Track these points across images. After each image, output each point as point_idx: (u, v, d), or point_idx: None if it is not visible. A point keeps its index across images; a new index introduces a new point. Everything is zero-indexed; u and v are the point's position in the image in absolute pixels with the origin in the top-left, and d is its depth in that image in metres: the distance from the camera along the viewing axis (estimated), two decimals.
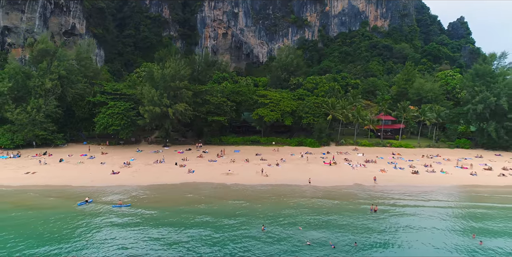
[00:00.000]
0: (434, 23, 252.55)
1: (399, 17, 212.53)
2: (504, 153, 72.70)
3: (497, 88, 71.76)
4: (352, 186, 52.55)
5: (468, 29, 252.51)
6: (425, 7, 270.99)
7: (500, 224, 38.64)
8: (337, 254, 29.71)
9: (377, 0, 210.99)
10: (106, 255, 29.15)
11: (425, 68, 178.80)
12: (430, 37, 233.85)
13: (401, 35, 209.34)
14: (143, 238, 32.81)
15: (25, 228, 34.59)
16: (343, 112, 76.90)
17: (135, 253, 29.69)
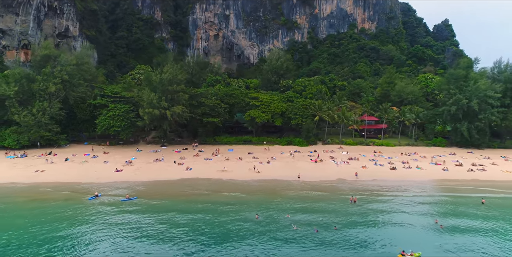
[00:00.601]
0: (420, 25, 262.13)
1: (386, 20, 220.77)
2: (476, 151, 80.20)
3: (468, 91, 79.22)
4: (335, 181, 58.85)
5: (452, 31, 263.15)
6: (412, 9, 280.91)
7: (460, 209, 45.45)
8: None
9: (364, 3, 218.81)
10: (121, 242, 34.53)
11: (410, 70, 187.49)
12: (416, 39, 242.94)
13: (387, 37, 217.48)
14: (152, 222, 38.45)
15: (44, 217, 39.74)
16: (329, 113, 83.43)
17: (146, 234, 35.17)
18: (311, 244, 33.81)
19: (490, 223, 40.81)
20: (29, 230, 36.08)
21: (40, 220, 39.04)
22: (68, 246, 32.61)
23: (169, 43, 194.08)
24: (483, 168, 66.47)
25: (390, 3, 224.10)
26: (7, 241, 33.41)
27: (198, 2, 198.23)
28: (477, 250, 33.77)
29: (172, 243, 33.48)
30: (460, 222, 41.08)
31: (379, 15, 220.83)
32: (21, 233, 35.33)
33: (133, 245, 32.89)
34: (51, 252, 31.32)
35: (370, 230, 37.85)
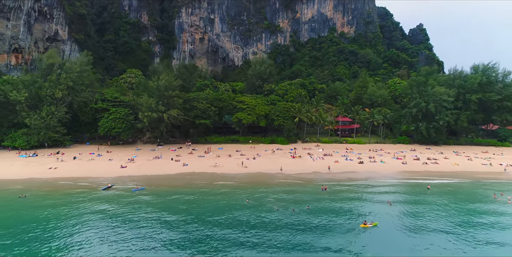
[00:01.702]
0: (396, 29, 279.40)
1: (364, 24, 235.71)
2: (434, 147, 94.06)
3: (427, 95, 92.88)
4: (311, 173, 70.70)
5: (426, 35, 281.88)
6: (389, 14, 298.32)
7: (408, 193, 58.09)
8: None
9: (343, 8, 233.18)
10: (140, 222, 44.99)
11: (386, 72, 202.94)
12: (392, 42, 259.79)
13: (365, 41, 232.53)
14: (160, 205, 49.04)
15: (71, 203, 49.57)
16: (308, 115, 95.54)
17: (157, 213, 45.71)
18: (288, 219, 45.13)
19: (429, 200, 53.53)
20: (61, 211, 45.99)
21: (67, 205, 48.84)
22: (99, 221, 42.81)
23: (155, 46, 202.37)
24: (436, 162, 79.90)
25: (368, 8, 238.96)
26: (48, 219, 43.27)
27: (184, 6, 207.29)
28: (413, 216, 45.95)
29: (178, 220, 44.08)
30: (406, 201, 53.53)
31: (358, 20, 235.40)
32: (55, 214, 45.13)
33: (147, 220, 43.35)
34: (89, 225, 41.43)
35: (336, 209, 49.50)
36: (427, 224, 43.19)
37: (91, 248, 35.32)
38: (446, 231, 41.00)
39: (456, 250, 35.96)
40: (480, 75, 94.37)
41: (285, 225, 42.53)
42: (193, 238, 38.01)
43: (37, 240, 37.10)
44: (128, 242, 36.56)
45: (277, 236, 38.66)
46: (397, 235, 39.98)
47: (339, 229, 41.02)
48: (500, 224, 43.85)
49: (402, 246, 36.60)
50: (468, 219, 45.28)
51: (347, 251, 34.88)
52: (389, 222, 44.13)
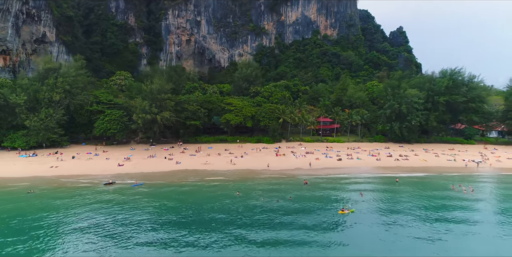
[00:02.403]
0: (377, 32, 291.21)
1: (346, 27, 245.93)
2: (406, 145, 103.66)
3: (400, 98, 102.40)
4: (294, 169, 78.64)
5: (406, 37, 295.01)
6: (371, 16, 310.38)
7: (379, 185, 66.70)
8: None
9: (327, 11, 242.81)
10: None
11: (367, 74, 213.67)
12: (374, 44, 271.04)
13: (348, 43, 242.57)
14: (158, 197, 55.82)
15: (75, 197, 55.75)
16: (291, 116, 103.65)
17: (156, 204, 52.57)
18: (273, 208, 52.73)
19: (396, 191, 62.24)
20: (68, 204, 52.22)
21: (72, 199, 55.05)
22: (105, 209, 49.35)
23: (142, 48, 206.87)
24: (407, 158, 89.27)
25: (350, 12, 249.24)
26: (59, 208, 49.52)
27: (171, 8, 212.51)
28: (383, 203, 54.23)
29: (177, 207, 51.15)
30: (377, 191, 62.04)
31: (340, 23, 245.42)
32: (62, 206, 51.35)
33: (149, 208, 50.19)
34: (97, 212, 47.92)
35: (317, 199, 57.32)
36: (393, 209, 51.62)
37: (100, 230, 42.02)
38: (409, 213, 49.47)
39: (414, 226, 44.27)
40: (447, 79, 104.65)
41: (270, 211, 50.19)
42: (192, 221, 45.30)
43: (51, 225, 43.54)
44: (134, 225, 43.44)
45: (263, 219, 46.31)
46: (370, 218, 47.63)
47: (319, 215, 48.64)
48: (453, 207, 52.87)
49: (375, 227, 44.13)
50: (427, 204, 54.12)
51: (328, 233, 42.34)
52: (363, 209, 52.09)
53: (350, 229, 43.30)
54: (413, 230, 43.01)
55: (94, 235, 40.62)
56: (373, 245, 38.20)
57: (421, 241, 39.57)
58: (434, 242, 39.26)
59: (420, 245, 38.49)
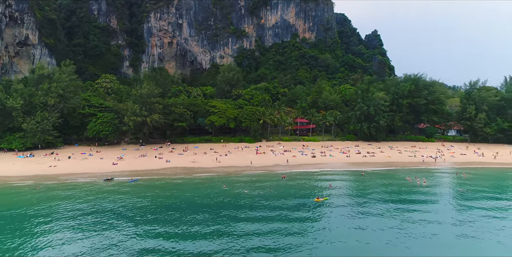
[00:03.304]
0: (353, 35, 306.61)
1: (324, 31, 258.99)
2: (374, 143, 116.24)
3: (369, 100, 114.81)
4: (273, 166, 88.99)
5: (380, 40, 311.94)
6: (347, 19, 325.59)
7: (339, 178, 78.05)
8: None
9: (305, 15, 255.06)
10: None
11: (343, 76, 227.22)
12: (350, 47, 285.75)
13: (325, 46, 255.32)
14: (153, 189, 64.94)
15: (79, 191, 64.04)
16: (271, 118, 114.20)
17: (152, 195, 61.64)
18: (255, 198, 62.75)
19: (358, 181, 73.80)
20: (76, 196, 60.64)
21: (79, 192, 63.36)
22: (108, 198, 58.04)
23: (125, 50, 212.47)
24: (373, 155, 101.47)
25: (327, 16, 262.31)
26: (69, 198, 57.84)
27: (153, 11, 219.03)
28: (351, 192, 65.40)
29: (171, 196, 60.51)
30: (346, 183, 73.34)
31: (318, 26, 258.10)
32: (71, 197, 59.76)
33: (147, 198, 59.29)
34: (100, 201, 56.56)
35: (293, 190, 67.64)
36: (359, 196, 63.10)
37: (109, 214, 51.02)
38: (371, 199, 60.89)
39: (375, 207, 55.70)
40: (410, 83, 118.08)
41: (253, 200, 60.37)
42: (185, 206, 55.05)
43: (63, 212, 52.14)
44: (137, 209, 52.71)
45: (246, 206, 56.49)
46: (341, 204, 58.37)
47: (298, 203, 58.86)
48: (406, 193, 64.91)
49: (345, 211, 54.52)
50: (385, 192, 65.91)
51: (306, 217, 52.44)
52: (335, 197, 62.98)
53: (325, 214, 54.14)
54: (374, 210, 54.91)
55: (106, 217, 49.92)
56: (344, 224, 48.78)
57: (380, 216, 51.74)
58: (389, 217, 51.32)
59: (379, 220, 50.50)
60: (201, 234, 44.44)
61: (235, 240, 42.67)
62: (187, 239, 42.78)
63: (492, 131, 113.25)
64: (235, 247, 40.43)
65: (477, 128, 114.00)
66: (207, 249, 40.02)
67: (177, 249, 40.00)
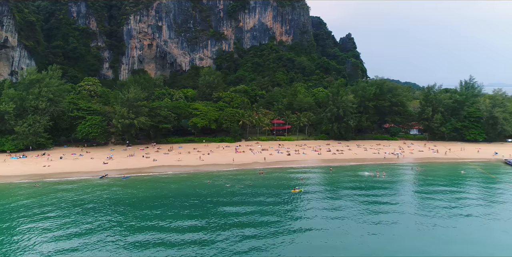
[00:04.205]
0: (329, 38, 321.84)
1: (300, 34, 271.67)
2: (344, 142, 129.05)
3: (338, 103, 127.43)
4: (252, 163, 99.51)
5: (354, 43, 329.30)
6: (323, 23, 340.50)
7: (315, 173, 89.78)
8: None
9: (282, 19, 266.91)
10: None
11: (318, 78, 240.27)
12: (325, 49, 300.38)
13: (301, 48, 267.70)
14: (144, 184, 74.37)
15: (77, 188, 72.49)
16: (249, 119, 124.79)
17: (144, 189, 70.92)
18: (236, 190, 73.11)
19: (327, 175, 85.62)
20: (77, 189, 69.19)
21: (76, 187, 71.76)
22: (107, 196, 66.88)
23: (104, 52, 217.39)
24: (342, 152, 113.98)
25: (303, 20, 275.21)
26: (70, 193, 66.28)
27: (132, 13, 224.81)
28: (320, 184, 77.12)
29: (161, 190, 70.12)
30: (316, 177, 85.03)
31: (294, 30, 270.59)
32: (72, 191, 68.26)
33: (140, 191, 68.62)
34: (99, 195, 65.37)
35: (271, 183, 78.58)
36: (328, 187, 75.40)
37: (109, 202, 60.31)
38: (338, 189, 73.20)
39: (342, 195, 67.99)
40: (375, 87, 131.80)
41: (234, 193, 70.99)
42: (173, 199, 64.94)
43: (69, 202, 61.08)
44: (134, 199, 62.22)
45: (228, 197, 66.98)
46: (314, 193, 70.40)
47: (277, 194, 70.01)
48: (366, 184, 77.34)
49: (319, 199, 66.60)
50: (349, 183, 78.36)
51: (286, 204, 63.38)
52: (308, 188, 74.75)
53: (302, 201, 65.91)
54: (341, 196, 67.69)
55: (106, 205, 59.66)
56: (317, 209, 60.92)
57: (345, 200, 65.40)
58: (353, 204, 63.90)
59: (345, 203, 63.90)
60: (188, 217, 55.68)
61: (220, 225, 53.49)
62: (175, 223, 53.61)
63: (447, 130, 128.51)
64: (220, 231, 50.98)
65: (434, 127, 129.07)
66: (194, 231, 50.72)
67: (166, 230, 50.90)
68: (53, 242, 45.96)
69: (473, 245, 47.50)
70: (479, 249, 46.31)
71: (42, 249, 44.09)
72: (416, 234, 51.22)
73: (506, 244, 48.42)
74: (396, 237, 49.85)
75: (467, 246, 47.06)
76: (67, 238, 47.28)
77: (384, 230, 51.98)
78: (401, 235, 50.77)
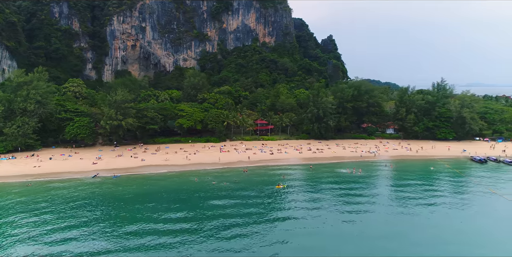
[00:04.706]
0: (311, 39, 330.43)
1: (282, 35, 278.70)
2: (324, 141, 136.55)
3: (318, 104, 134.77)
4: (236, 162, 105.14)
5: (335, 45, 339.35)
6: (305, 24, 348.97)
7: (296, 171, 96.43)
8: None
9: (265, 21, 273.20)
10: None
11: (300, 79, 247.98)
12: (308, 50, 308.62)
13: (284, 50, 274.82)
14: (133, 183, 79.17)
15: (74, 185, 76.72)
16: (234, 120, 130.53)
17: (133, 186, 75.80)
18: (223, 188, 78.72)
19: (308, 172, 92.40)
20: (71, 188, 73.43)
21: (69, 186, 75.92)
22: (100, 193, 71.48)
23: (87, 53, 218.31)
24: (321, 151, 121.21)
25: (286, 22, 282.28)
26: (63, 191, 70.48)
27: (115, 14, 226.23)
28: (301, 180, 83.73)
29: (151, 187, 75.20)
30: (297, 174, 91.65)
31: (277, 31, 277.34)
32: (65, 189, 72.45)
33: (129, 189, 73.48)
34: (94, 192, 69.91)
35: (255, 180, 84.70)
36: (309, 183, 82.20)
37: (98, 199, 65.15)
38: (317, 184, 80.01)
39: (322, 188, 74.84)
40: (353, 89, 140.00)
41: (221, 189, 76.74)
42: (163, 195, 70.15)
43: (63, 201, 65.58)
44: (126, 195, 67.24)
45: (215, 192, 72.70)
46: (295, 188, 77.09)
47: (260, 189, 76.18)
48: (343, 179, 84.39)
49: (301, 193, 73.23)
50: (327, 179, 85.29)
51: (271, 198, 69.54)
52: (291, 183, 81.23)
53: (284, 195, 72.58)
54: (319, 190, 74.74)
55: (99, 200, 64.70)
56: (298, 202, 67.65)
57: (323, 193, 72.25)
58: (331, 198, 70.62)
59: (323, 196, 70.91)
60: (178, 210, 61.50)
61: (207, 216, 59.34)
62: (166, 215, 59.63)
63: (420, 129, 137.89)
64: (208, 221, 56.88)
65: (407, 127, 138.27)
66: (183, 221, 56.59)
67: (158, 221, 56.85)
68: (51, 235, 50.82)
69: (433, 229, 55.10)
70: (438, 232, 53.87)
71: (41, 240, 48.92)
72: (385, 221, 58.68)
73: (460, 229, 56.23)
74: (367, 223, 57.06)
75: (428, 230, 54.71)
76: (65, 230, 52.31)
77: (357, 218, 59.23)
78: (371, 221, 58.14)
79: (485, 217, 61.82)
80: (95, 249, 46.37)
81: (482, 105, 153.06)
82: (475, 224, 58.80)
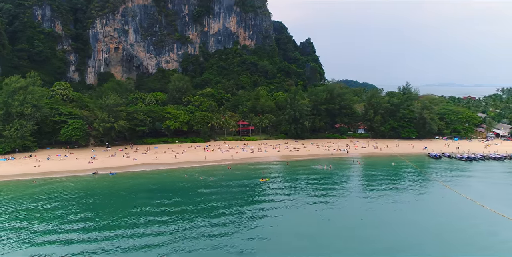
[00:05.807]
0: (290, 42, 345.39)
1: (262, 38, 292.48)
2: (300, 140, 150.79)
3: (295, 106, 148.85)
4: (221, 160, 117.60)
5: (313, 48, 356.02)
6: (284, 27, 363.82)
7: (273, 168, 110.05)
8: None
9: (245, 24, 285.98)
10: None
11: (279, 81, 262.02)
12: (287, 53, 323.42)
13: (264, 52, 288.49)
14: (129, 179, 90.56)
15: (75, 185, 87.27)
16: (217, 121, 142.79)
17: (130, 182, 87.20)
18: (210, 182, 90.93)
19: (284, 171, 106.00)
20: (74, 183, 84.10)
21: (72, 182, 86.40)
22: (101, 187, 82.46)
23: (70, 55, 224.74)
24: (298, 149, 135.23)
25: (266, 25, 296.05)
26: (70, 188, 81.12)
27: (98, 17, 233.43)
28: (280, 175, 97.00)
29: (146, 183, 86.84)
30: (276, 170, 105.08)
31: (257, 35, 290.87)
32: (69, 186, 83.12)
33: (126, 184, 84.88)
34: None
35: (239, 175, 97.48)
36: (286, 177, 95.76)
37: (99, 193, 76.62)
38: (294, 177, 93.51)
39: (298, 181, 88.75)
40: (326, 93, 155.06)
41: (208, 184, 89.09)
42: (157, 188, 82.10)
43: (65, 197, 76.61)
44: (124, 191, 78.87)
45: (203, 186, 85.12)
46: (278, 181, 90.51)
47: (242, 183, 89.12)
48: (316, 173, 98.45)
49: (281, 186, 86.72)
50: (301, 174, 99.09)
51: (256, 190, 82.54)
52: (273, 178, 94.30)
53: (263, 187, 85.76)
54: (295, 183, 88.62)
55: (101, 194, 76.28)
56: (276, 194, 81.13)
57: (298, 186, 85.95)
58: (306, 191, 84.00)
59: (298, 189, 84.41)
60: (171, 200, 73.81)
61: (197, 203, 72.02)
62: (161, 205, 71.52)
63: (386, 129, 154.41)
64: (198, 209, 69.32)
65: (375, 127, 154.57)
66: (176, 209, 68.73)
67: (154, 210, 68.93)
68: (59, 221, 62.25)
69: (382, 212, 69.76)
70: (391, 215, 68.73)
71: (51, 227, 60.13)
72: (349, 206, 73.27)
73: (401, 209, 71.23)
74: (335, 209, 71.27)
75: (379, 212, 69.46)
76: (74, 217, 63.70)
77: (327, 205, 73.15)
78: (338, 206, 72.54)
79: (422, 198, 78.82)
80: (107, 227, 58.27)
81: (441, 107, 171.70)
82: (414, 205, 74.50)
